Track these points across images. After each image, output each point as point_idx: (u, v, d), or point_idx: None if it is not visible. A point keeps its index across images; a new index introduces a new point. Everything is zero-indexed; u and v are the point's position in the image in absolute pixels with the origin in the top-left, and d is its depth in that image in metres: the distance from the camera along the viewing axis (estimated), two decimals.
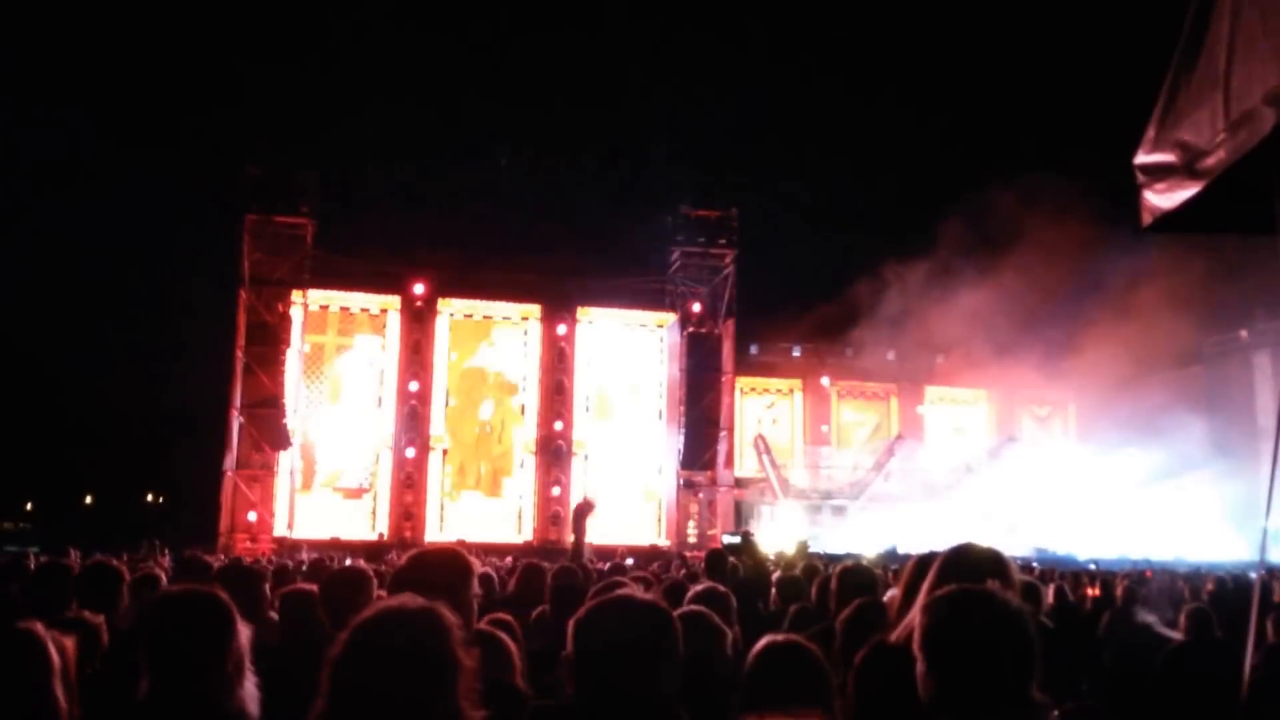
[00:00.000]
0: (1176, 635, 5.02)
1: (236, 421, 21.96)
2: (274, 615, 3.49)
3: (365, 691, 1.44)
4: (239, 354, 21.93)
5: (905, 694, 1.62)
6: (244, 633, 1.93)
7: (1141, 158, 2.31)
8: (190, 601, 1.94)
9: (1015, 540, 18.83)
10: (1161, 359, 23.93)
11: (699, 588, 3.07)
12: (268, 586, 3.92)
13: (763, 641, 2.08)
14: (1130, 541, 19.70)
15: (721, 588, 3.05)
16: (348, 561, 8.71)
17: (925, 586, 2.06)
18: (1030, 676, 1.59)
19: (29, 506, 35.23)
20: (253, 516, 21.96)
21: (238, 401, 21.92)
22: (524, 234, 25.31)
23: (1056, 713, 1.65)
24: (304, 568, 6.82)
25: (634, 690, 1.45)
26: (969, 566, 2.05)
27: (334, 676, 1.46)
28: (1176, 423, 21.92)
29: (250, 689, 2.05)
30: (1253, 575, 7.98)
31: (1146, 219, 2.42)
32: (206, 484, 22.66)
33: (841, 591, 3.00)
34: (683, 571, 7.38)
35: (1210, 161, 2.11)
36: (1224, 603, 6.26)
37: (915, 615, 2.02)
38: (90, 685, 2.20)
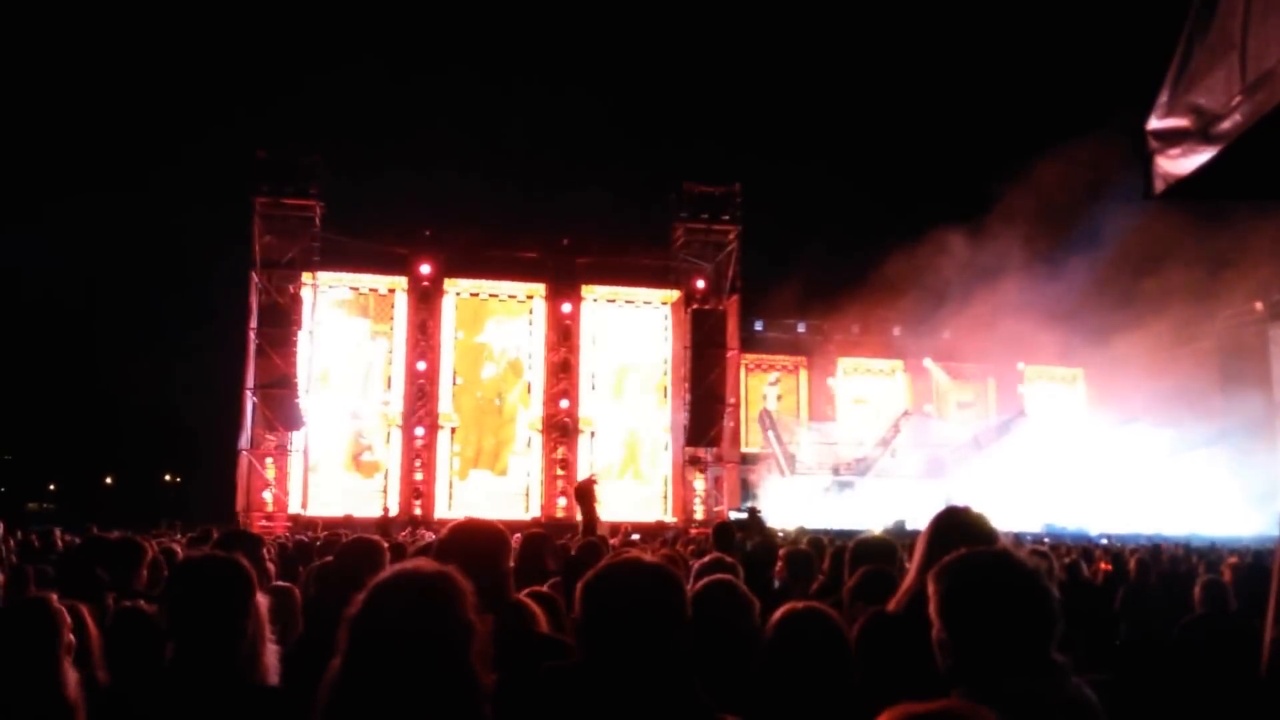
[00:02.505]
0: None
1: (250, 402, 22.16)
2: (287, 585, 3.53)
3: (380, 650, 1.47)
4: (251, 335, 22.09)
5: (905, 662, 1.60)
6: (262, 601, 1.96)
7: (1154, 123, 2.25)
8: (211, 566, 1.98)
9: (1025, 516, 18.82)
10: (1175, 332, 23.70)
11: (706, 558, 3.07)
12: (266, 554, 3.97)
13: (782, 609, 2.07)
14: (1143, 517, 19.64)
15: (729, 558, 3.06)
16: None
17: (919, 552, 2.05)
18: (1050, 638, 1.56)
19: (51, 488, 35.81)
20: (268, 495, 22.22)
21: (251, 382, 22.11)
22: (528, 213, 25.30)
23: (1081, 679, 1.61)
24: (319, 543, 6.93)
25: (642, 651, 1.46)
26: (963, 531, 2.02)
27: (351, 635, 1.49)
28: (1190, 397, 21.76)
29: (271, 657, 2.08)
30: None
31: (1159, 186, 2.37)
32: (222, 464, 22.99)
33: (855, 563, 2.99)
34: (691, 548, 7.41)
35: (1225, 125, 2.05)
36: (1241, 577, 6.24)
37: (911, 580, 2.00)
38: (127, 659, 2.26)
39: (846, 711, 1.85)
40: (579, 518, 5.63)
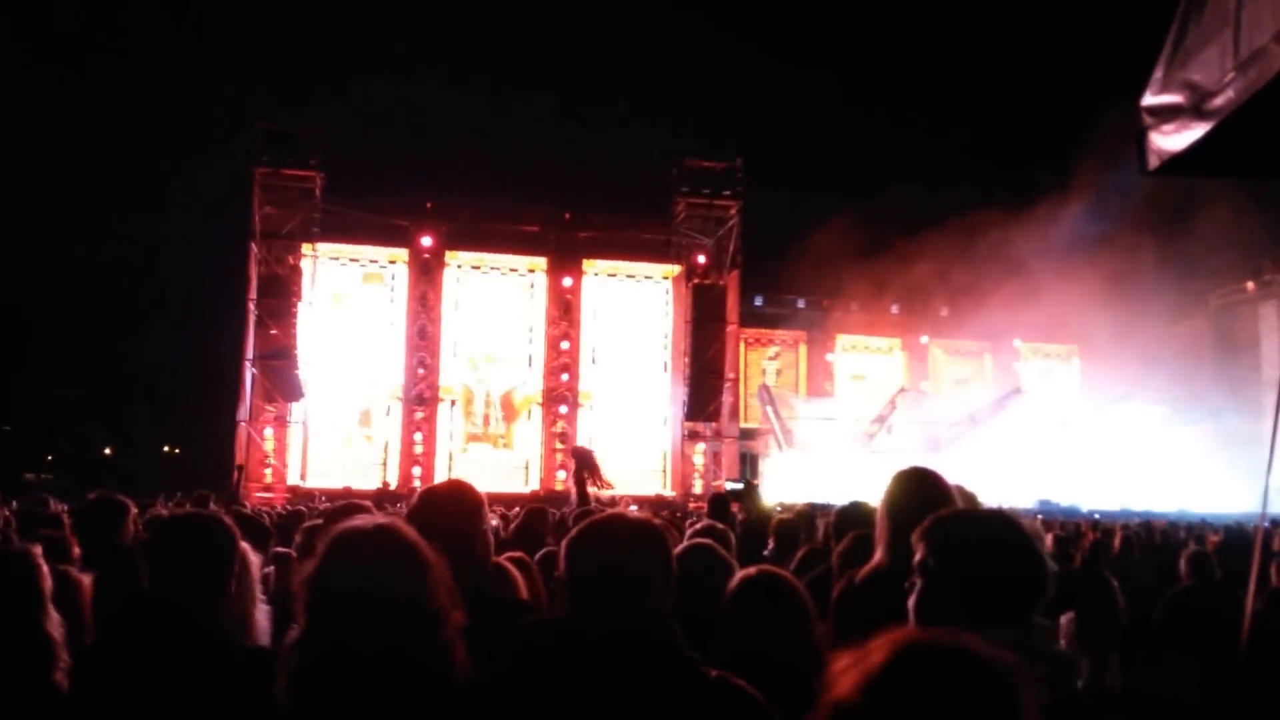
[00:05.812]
0: None
1: (249, 373, 22.18)
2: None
3: (342, 596, 1.49)
4: (251, 306, 22.04)
5: (874, 629, 1.64)
6: (255, 560, 1.97)
7: (1149, 99, 2.27)
8: (189, 524, 1.99)
9: (1019, 492, 18.96)
10: (1167, 310, 23.74)
11: (698, 525, 3.14)
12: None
13: (738, 574, 2.13)
14: (1134, 493, 19.80)
15: (720, 525, 3.12)
16: None
17: (881, 526, 2.10)
18: (1036, 601, 1.55)
19: (49, 458, 35.90)
20: (268, 467, 22.33)
21: (250, 353, 22.11)
22: (530, 187, 25.17)
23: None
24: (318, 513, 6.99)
25: (625, 605, 1.47)
26: (922, 497, 2.07)
27: (310, 590, 1.52)
28: (1182, 374, 21.84)
29: (262, 617, 2.11)
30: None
31: (1153, 162, 2.39)
32: (221, 435, 23.05)
33: (838, 532, 3.07)
34: (690, 519, 7.52)
35: (1219, 102, 2.07)
36: (1227, 552, 6.34)
37: (879, 557, 2.06)
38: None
39: (802, 668, 1.93)
40: (572, 486, 5.70)
